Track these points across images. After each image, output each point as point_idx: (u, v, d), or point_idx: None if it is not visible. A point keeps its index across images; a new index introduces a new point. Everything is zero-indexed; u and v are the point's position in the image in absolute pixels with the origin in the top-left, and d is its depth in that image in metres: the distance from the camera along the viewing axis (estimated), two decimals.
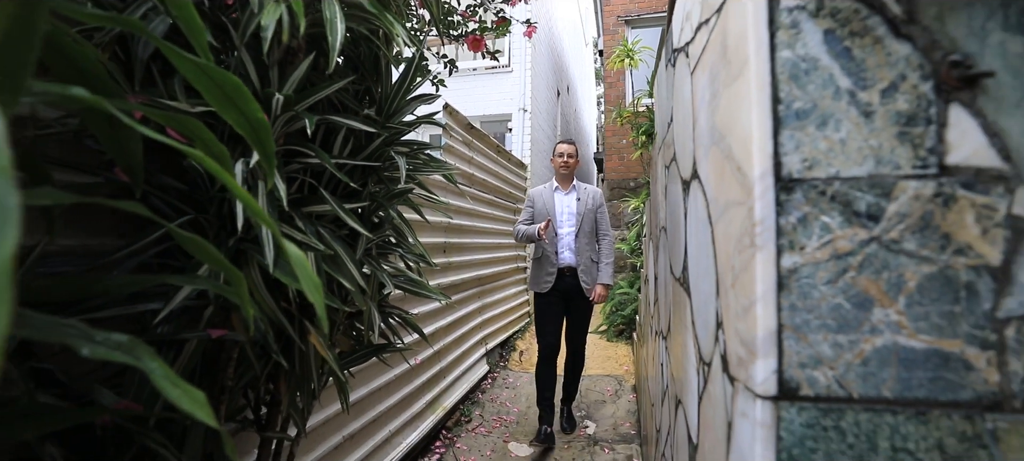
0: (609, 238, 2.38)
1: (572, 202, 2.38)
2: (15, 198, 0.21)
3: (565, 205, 2.38)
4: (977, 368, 0.51)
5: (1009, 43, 0.51)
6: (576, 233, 2.32)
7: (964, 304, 0.51)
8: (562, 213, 2.37)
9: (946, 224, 0.52)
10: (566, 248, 2.33)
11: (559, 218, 2.36)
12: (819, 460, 0.53)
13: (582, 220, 2.32)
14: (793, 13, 0.55)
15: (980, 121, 0.51)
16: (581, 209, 2.34)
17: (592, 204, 2.36)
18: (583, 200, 2.36)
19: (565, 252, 2.33)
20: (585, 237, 2.33)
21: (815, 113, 0.55)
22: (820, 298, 0.54)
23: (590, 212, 2.35)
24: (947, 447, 0.51)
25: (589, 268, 2.33)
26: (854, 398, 0.53)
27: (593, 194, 2.39)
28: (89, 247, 0.81)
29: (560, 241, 2.34)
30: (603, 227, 2.37)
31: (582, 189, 2.40)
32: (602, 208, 2.39)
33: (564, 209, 2.37)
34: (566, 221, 2.36)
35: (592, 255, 2.35)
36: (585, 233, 2.33)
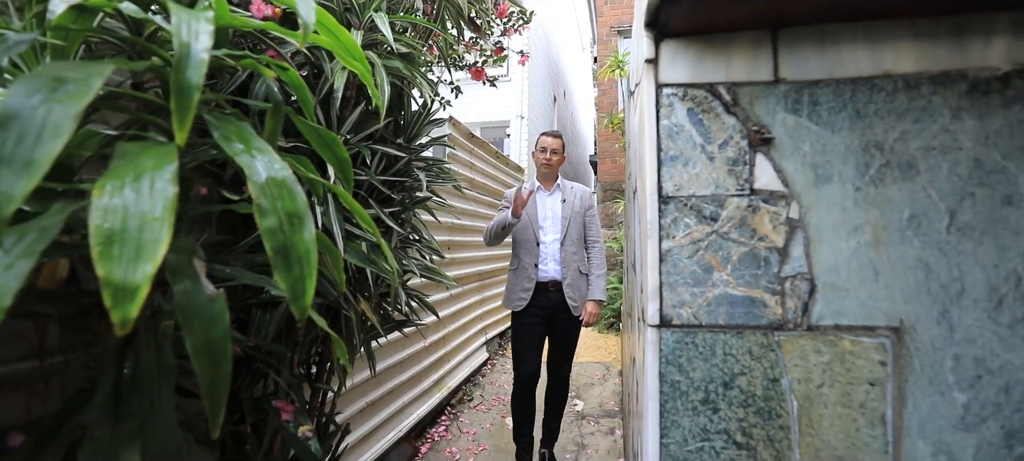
0: (599, 245, 2.02)
1: (556, 204, 2.01)
2: (310, 233, 0.60)
3: (548, 208, 2.01)
4: (770, 306, 0.91)
5: (787, 120, 0.90)
6: (561, 240, 1.96)
7: (763, 269, 0.91)
8: (545, 217, 2.00)
9: (753, 223, 0.91)
10: (550, 258, 1.96)
11: (541, 223, 2.00)
12: (683, 362, 0.93)
13: (569, 225, 1.96)
14: (669, 97, 0.95)
15: (772, 164, 0.91)
16: (567, 212, 1.98)
17: (580, 206, 2.00)
18: (570, 202, 1.99)
19: (548, 263, 1.96)
20: (572, 245, 1.96)
21: (681, 158, 0.94)
22: (683, 266, 0.93)
23: (578, 215, 1.99)
24: (754, 352, 0.91)
25: (577, 282, 1.95)
26: (702, 325, 0.92)
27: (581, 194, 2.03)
28: (209, 241, 1.20)
29: (542, 250, 1.96)
30: (593, 233, 2.02)
31: (568, 188, 2.03)
32: (592, 210, 2.04)
33: (547, 212, 2.00)
34: (550, 226, 1.99)
35: (580, 266, 1.98)
36: (572, 240, 1.96)
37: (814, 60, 0.91)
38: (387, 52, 1.28)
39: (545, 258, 1.98)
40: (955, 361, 0.87)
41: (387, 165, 1.48)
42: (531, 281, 1.97)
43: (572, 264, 1.97)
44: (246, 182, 0.54)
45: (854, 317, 0.89)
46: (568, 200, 2.02)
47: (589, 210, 2.04)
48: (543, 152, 2.03)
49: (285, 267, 0.55)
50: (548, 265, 1.98)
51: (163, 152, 0.50)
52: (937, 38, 0.88)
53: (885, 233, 0.89)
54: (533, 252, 1.98)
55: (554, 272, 1.97)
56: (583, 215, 2.03)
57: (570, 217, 1.99)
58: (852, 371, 0.89)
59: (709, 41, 0.93)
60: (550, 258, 1.98)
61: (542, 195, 2.06)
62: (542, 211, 2.03)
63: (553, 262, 1.98)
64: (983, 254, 0.86)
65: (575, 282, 1.97)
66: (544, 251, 1.98)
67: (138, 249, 0.43)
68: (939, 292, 0.87)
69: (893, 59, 0.89)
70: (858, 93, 0.90)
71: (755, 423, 0.91)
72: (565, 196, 2.04)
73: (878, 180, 0.89)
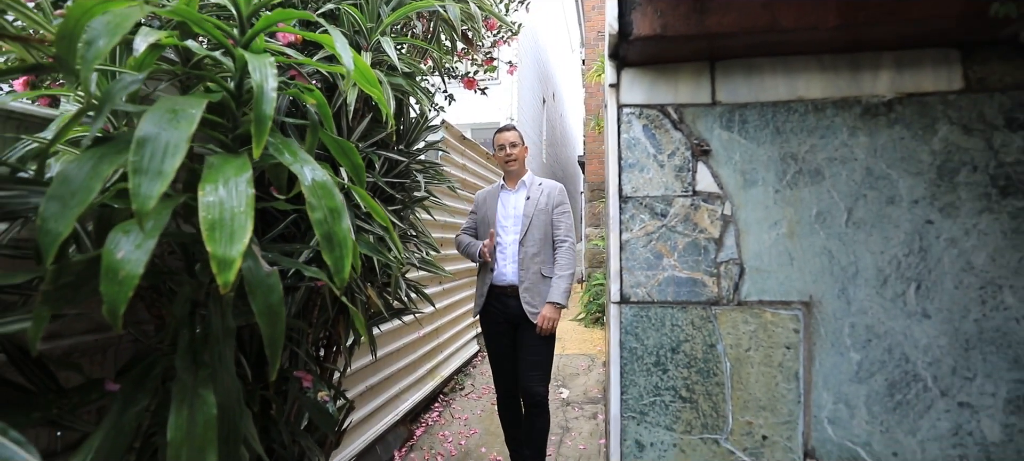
0: (567, 244, 1.84)
1: (519, 201, 1.88)
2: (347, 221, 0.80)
3: (511, 206, 1.90)
4: (708, 286, 1.13)
5: (722, 135, 1.13)
6: (520, 240, 1.81)
7: (702, 256, 1.13)
8: (506, 216, 1.88)
9: (695, 218, 1.14)
10: (508, 260, 1.83)
11: (501, 222, 1.88)
12: (639, 331, 1.14)
13: (529, 223, 1.82)
14: (628, 115, 1.16)
15: (710, 170, 1.13)
16: (530, 209, 1.84)
17: (546, 203, 1.85)
18: (534, 199, 1.85)
19: (505, 265, 1.83)
20: (533, 245, 1.81)
21: (637, 165, 1.16)
22: (639, 254, 1.15)
23: (542, 212, 1.83)
24: (695, 323, 1.13)
25: (537, 286, 1.78)
26: (654, 301, 1.14)
27: (549, 191, 1.87)
28: None
29: (500, 252, 1.85)
30: (561, 231, 1.84)
31: (534, 185, 1.89)
32: (562, 207, 1.88)
33: (508, 211, 1.89)
34: (510, 225, 1.86)
35: (543, 269, 1.81)
36: (533, 240, 1.81)
37: (743, 87, 1.13)
38: (391, 70, 1.48)
39: (503, 260, 1.84)
40: (851, 328, 1.10)
41: (389, 168, 1.68)
42: (485, 284, 1.87)
43: (532, 266, 1.79)
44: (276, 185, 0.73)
45: (774, 294, 1.12)
46: (533, 197, 1.87)
47: (558, 207, 1.87)
48: (501, 150, 1.92)
49: (329, 249, 0.76)
50: (507, 268, 1.83)
51: (240, 163, 0.71)
52: (838, 71, 1.11)
53: (798, 226, 1.12)
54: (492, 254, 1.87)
55: (511, 275, 1.81)
56: (550, 212, 1.85)
57: (533, 215, 1.83)
58: (772, 337, 1.12)
59: (660, 70, 1.15)
60: (510, 260, 1.83)
61: (505, 193, 1.93)
62: (503, 209, 1.90)
63: (511, 264, 1.82)
64: (872, 243, 1.10)
65: (535, 286, 1.78)
66: (503, 252, 1.85)
67: (232, 234, 0.64)
68: (839, 273, 1.10)
69: (805, 87, 1.12)
70: (778, 114, 1.13)
71: (697, 381, 1.13)
72: (530, 193, 1.88)
73: (793, 184, 1.12)
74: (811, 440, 1.11)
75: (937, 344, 1.08)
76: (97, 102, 0.88)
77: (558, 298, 1.76)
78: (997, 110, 1.08)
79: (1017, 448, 1.06)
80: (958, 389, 1.08)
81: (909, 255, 1.09)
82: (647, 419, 1.15)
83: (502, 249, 1.87)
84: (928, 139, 1.09)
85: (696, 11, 1.00)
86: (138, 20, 0.66)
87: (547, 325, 1.75)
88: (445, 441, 2.66)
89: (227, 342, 0.86)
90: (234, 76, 0.87)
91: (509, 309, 1.82)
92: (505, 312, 1.84)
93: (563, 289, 1.78)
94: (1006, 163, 1.07)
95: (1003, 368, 1.06)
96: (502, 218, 1.91)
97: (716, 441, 1.13)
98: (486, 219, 1.95)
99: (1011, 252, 1.07)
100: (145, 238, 0.64)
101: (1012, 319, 1.07)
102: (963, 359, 1.08)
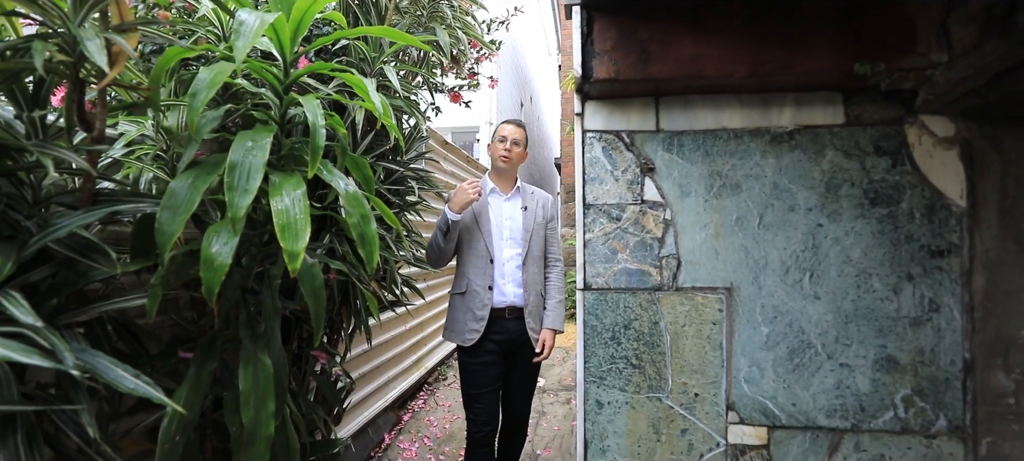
0: (561, 265, 1.71)
1: (515, 211, 1.66)
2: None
3: (506, 215, 1.65)
4: (653, 275, 1.44)
5: (664, 156, 1.44)
6: (523, 258, 1.62)
7: (648, 252, 1.44)
8: (501, 227, 1.64)
9: (643, 222, 1.44)
10: (509, 280, 1.61)
11: (497, 234, 1.63)
12: (598, 312, 1.44)
13: (531, 238, 1.63)
14: (590, 138, 1.46)
15: (654, 184, 1.44)
16: (529, 222, 1.64)
17: (543, 215, 1.68)
18: (532, 209, 1.66)
19: (506, 285, 1.60)
20: (535, 263, 1.63)
21: (598, 179, 1.46)
22: (599, 250, 1.45)
23: (540, 226, 1.66)
24: (643, 305, 1.44)
25: (539, 308, 1.64)
26: (610, 288, 1.44)
27: (543, 201, 1.70)
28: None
29: (498, 269, 1.61)
30: (554, 250, 1.70)
31: (529, 193, 1.70)
32: (554, 222, 1.74)
33: (503, 221, 1.65)
34: (508, 239, 1.63)
35: (541, 288, 1.66)
36: (534, 258, 1.63)
37: (681, 118, 1.45)
38: (393, 94, 1.73)
39: (502, 279, 1.61)
40: (762, 308, 1.43)
41: (387, 176, 1.93)
42: (484, 308, 1.59)
43: (533, 287, 1.62)
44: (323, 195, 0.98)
45: (704, 282, 1.44)
46: (530, 207, 1.66)
47: (551, 222, 1.71)
48: (502, 142, 1.66)
49: (362, 245, 1.02)
50: (506, 288, 1.60)
51: (297, 180, 0.96)
52: (753, 107, 1.44)
53: (722, 228, 1.44)
54: (486, 271, 1.60)
55: (514, 297, 1.60)
56: (545, 226, 1.69)
57: (533, 228, 1.64)
58: (702, 315, 1.43)
59: (616, 103, 1.45)
60: (509, 279, 1.61)
61: (498, 199, 1.68)
62: (497, 219, 1.65)
63: (513, 284, 1.61)
64: (777, 242, 1.43)
65: (537, 308, 1.63)
66: (500, 270, 1.61)
67: (297, 233, 0.89)
68: (753, 265, 1.43)
69: (727, 119, 1.45)
70: (707, 140, 1.45)
71: (644, 351, 1.44)
72: (526, 202, 1.67)
73: (718, 195, 1.44)
74: (731, 396, 1.44)
75: (825, 319, 1.43)
76: (167, 130, 1.11)
77: (558, 324, 1.65)
78: (868, 140, 1.43)
79: (880, 397, 1.41)
80: (840, 353, 1.42)
81: (805, 251, 1.43)
82: (605, 382, 1.45)
83: (500, 266, 1.61)
84: (819, 161, 1.43)
85: (641, 61, 1.31)
86: (229, 74, 0.91)
87: (549, 353, 1.65)
88: (431, 425, 2.92)
89: (276, 318, 1.11)
90: (280, 109, 1.12)
91: (507, 335, 1.60)
92: (502, 337, 1.60)
93: (561, 316, 1.67)
94: (875, 180, 1.42)
95: (871, 337, 1.41)
96: (496, 229, 1.63)
97: (659, 399, 1.45)
98: (471, 226, 1.65)
99: (878, 248, 1.42)
100: (231, 237, 0.89)
101: (879, 299, 1.42)
102: (843, 330, 1.42)
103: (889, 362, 1.41)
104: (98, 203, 0.88)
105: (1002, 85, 1.19)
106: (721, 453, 1.44)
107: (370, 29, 1.21)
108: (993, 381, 1.40)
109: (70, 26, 0.78)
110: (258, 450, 0.97)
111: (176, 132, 1.14)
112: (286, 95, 1.09)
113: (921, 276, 1.41)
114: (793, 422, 1.43)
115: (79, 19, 0.80)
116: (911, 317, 1.41)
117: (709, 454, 1.44)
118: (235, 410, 1.05)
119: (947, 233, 1.40)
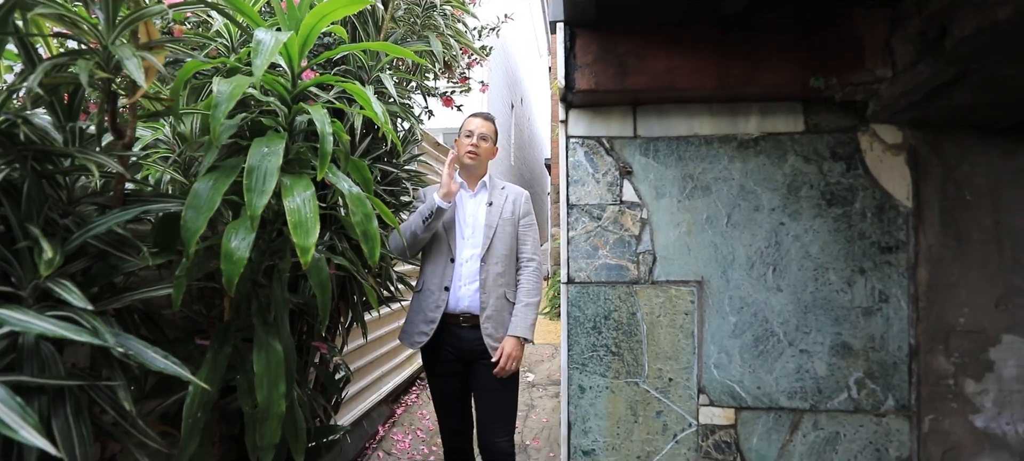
0: (534, 265, 1.56)
1: (479, 208, 1.57)
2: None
3: (469, 212, 1.58)
4: (631, 270, 1.57)
5: (641, 160, 1.57)
6: (482, 256, 1.51)
7: (627, 248, 1.57)
8: (463, 225, 1.57)
9: (622, 220, 1.57)
10: (465, 280, 1.51)
11: (460, 233, 1.56)
12: (581, 304, 1.57)
13: (494, 235, 1.52)
14: (573, 144, 1.59)
15: (632, 186, 1.57)
16: (493, 219, 1.54)
17: (512, 212, 1.56)
18: (498, 206, 1.56)
19: (461, 287, 1.50)
20: (497, 263, 1.51)
21: (580, 181, 1.58)
22: (581, 247, 1.58)
23: (508, 223, 1.55)
24: (621, 297, 1.57)
25: (501, 313, 1.50)
26: (592, 281, 1.57)
27: (514, 198, 1.58)
28: None
29: (455, 270, 1.52)
30: (527, 248, 1.56)
31: (497, 190, 1.59)
32: (528, 219, 1.59)
33: (466, 218, 1.57)
34: (470, 237, 1.55)
35: (508, 292, 1.52)
36: (497, 257, 1.51)
37: (656, 125, 1.58)
38: (389, 100, 1.84)
39: (460, 281, 1.50)
40: (730, 299, 1.57)
41: (383, 177, 2.03)
42: (437, 310, 1.50)
43: (495, 289, 1.50)
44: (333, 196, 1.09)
45: (677, 275, 1.57)
46: (496, 204, 1.56)
47: (524, 218, 1.58)
48: (468, 137, 1.57)
49: (366, 241, 1.13)
50: (461, 290, 1.50)
51: (306, 182, 1.07)
52: (721, 115, 1.58)
53: (693, 227, 1.58)
54: (445, 271, 1.52)
55: (469, 301, 1.49)
56: (516, 224, 1.57)
57: (497, 225, 1.54)
58: (676, 306, 1.57)
59: (597, 111, 1.58)
60: (465, 280, 1.50)
61: (463, 195, 1.60)
62: (460, 216, 1.58)
63: (468, 286, 1.50)
64: (744, 239, 1.57)
65: (499, 314, 1.49)
66: (458, 271, 1.52)
67: (308, 230, 1.00)
68: (721, 260, 1.57)
69: (699, 126, 1.58)
70: (680, 145, 1.59)
71: (622, 339, 1.57)
72: (492, 198, 1.57)
73: (690, 196, 1.58)
74: (702, 380, 1.58)
75: (786, 310, 1.57)
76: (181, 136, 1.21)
77: (522, 331, 1.46)
78: (826, 146, 1.58)
79: (836, 380, 1.56)
80: (800, 340, 1.57)
81: (768, 247, 1.58)
82: (587, 368, 1.58)
83: (459, 266, 1.52)
84: (781, 165, 1.58)
85: (620, 74, 1.44)
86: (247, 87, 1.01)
87: (509, 364, 1.44)
88: (423, 418, 3.02)
89: (284, 308, 1.22)
90: (288, 117, 1.22)
91: (463, 343, 1.48)
92: (457, 347, 1.49)
93: (529, 321, 1.49)
94: (831, 183, 1.57)
95: (828, 325, 1.56)
96: (459, 227, 1.57)
97: (636, 383, 1.58)
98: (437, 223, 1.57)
99: (834, 245, 1.57)
100: (248, 233, 1.00)
101: (834, 291, 1.57)
102: (803, 320, 1.57)
103: (843, 348, 1.56)
104: (128, 203, 0.98)
105: (937, 99, 1.34)
106: (693, 433, 1.58)
107: (373, 44, 1.32)
108: (935, 364, 1.56)
109: (108, 45, 0.88)
110: (271, 426, 1.08)
111: (189, 137, 1.24)
112: (294, 104, 1.19)
113: (872, 270, 1.56)
114: (758, 403, 1.57)
115: (112, 37, 0.90)
116: (863, 307, 1.56)
117: (682, 434, 1.58)
118: (247, 393, 1.15)
119: (895, 231, 1.56)
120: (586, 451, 1.58)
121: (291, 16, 1.12)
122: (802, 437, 1.56)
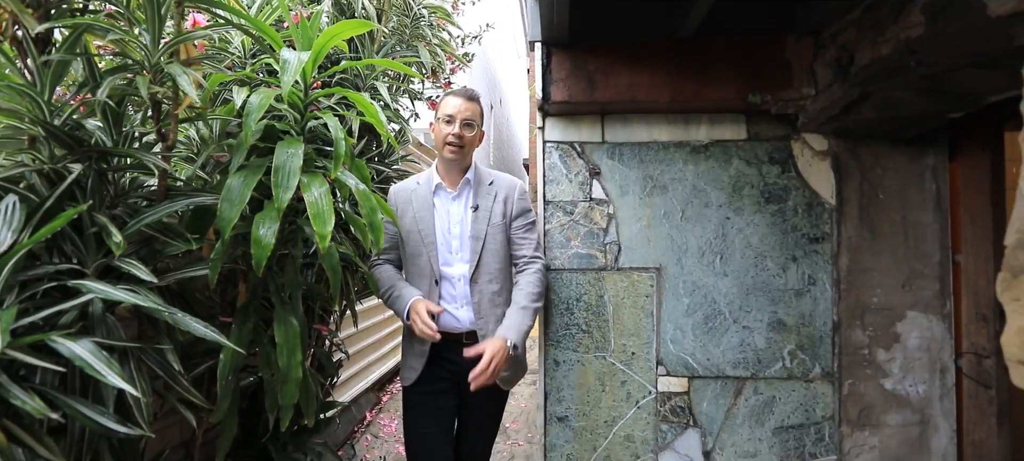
0: (537, 264, 1.43)
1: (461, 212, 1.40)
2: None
3: (452, 219, 1.40)
4: (599, 258, 1.81)
5: (608, 162, 1.82)
6: (471, 272, 1.36)
7: (595, 239, 1.81)
8: (447, 233, 1.39)
9: (591, 215, 1.81)
10: (458, 303, 1.37)
11: (444, 245, 1.39)
12: (556, 288, 1.80)
13: (482, 248, 1.36)
14: (549, 148, 1.82)
15: (601, 185, 1.82)
16: (481, 227, 1.37)
17: (503, 213, 1.39)
18: (485, 209, 1.38)
19: (456, 307, 1.37)
20: (492, 280, 1.37)
21: (555, 180, 1.82)
22: (557, 238, 1.81)
23: (498, 229, 1.38)
24: (591, 282, 1.81)
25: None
26: (565, 268, 1.81)
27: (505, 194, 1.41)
28: None
29: (444, 286, 1.38)
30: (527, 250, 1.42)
31: (483, 186, 1.41)
32: (526, 216, 1.44)
33: (450, 226, 1.39)
34: (457, 250, 1.38)
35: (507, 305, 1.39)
36: (490, 273, 1.37)
37: (621, 131, 1.83)
38: (383, 106, 2.02)
39: (453, 300, 1.37)
40: (683, 283, 1.83)
41: (375, 175, 2.21)
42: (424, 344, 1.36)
43: (492, 311, 1.35)
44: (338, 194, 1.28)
45: (639, 263, 1.82)
46: (483, 207, 1.37)
47: (517, 220, 1.42)
48: (449, 123, 1.37)
49: (371, 232, 1.33)
50: (458, 311, 1.37)
51: (321, 179, 1.26)
52: (677, 124, 1.84)
53: (653, 221, 1.83)
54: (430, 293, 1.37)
55: (467, 319, 1.36)
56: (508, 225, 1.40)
57: (486, 235, 1.36)
58: (638, 289, 1.82)
59: (570, 119, 1.81)
60: (457, 303, 1.37)
61: (444, 198, 1.41)
62: (443, 225, 1.39)
63: (466, 306, 1.36)
64: (696, 231, 1.83)
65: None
66: (445, 292, 1.37)
67: (324, 220, 1.19)
68: (677, 250, 1.83)
69: (658, 133, 1.84)
70: (642, 150, 1.84)
71: (592, 319, 1.81)
72: (478, 200, 1.38)
73: (650, 194, 1.83)
74: (660, 354, 1.83)
75: (731, 292, 1.84)
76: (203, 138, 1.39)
77: (513, 335, 1.28)
78: (765, 152, 1.86)
79: (772, 352, 1.84)
80: (743, 318, 1.84)
81: (716, 238, 1.84)
82: (561, 345, 1.81)
83: (449, 284, 1.36)
84: (727, 168, 1.85)
85: (589, 88, 1.67)
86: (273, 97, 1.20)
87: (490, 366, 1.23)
88: None
89: (297, 288, 1.40)
90: (302, 123, 1.41)
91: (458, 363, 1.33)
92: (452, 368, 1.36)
93: (523, 327, 1.30)
94: (769, 183, 1.85)
95: (766, 305, 1.84)
96: (441, 236, 1.37)
97: (604, 357, 1.82)
98: (414, 235, 1.40)
99: (771, 236, 1.85)
100: (274, 222, 1.19)
101: (771, 276, 1.85)
102: (745, 300, 1.84)
103: (779, 324, 1.84)
104: (170, 196, 1.15)
105: (850, 114, 1.63)
106: (652, 399, 1.83)
107: (377, 61, 1.51)
108: (853, 337, 1.86)
109: (158, 62, 1.05)
110: (290, 389, 1.26)
111: (209, 140, 1.42)
112: (307, 111, 1.38)
113: (802, 257, 1.85)
114: (707, 373, 1.84)
115: (158, 56, 1.08)
116: (795, 289, 1.84)
117: (643, 400, 1.83)
118: (266, 362, 1.33)
119: (821, 224, 1.85)
120: (560, 417, 1.82)
121: (304, 34, 1.30)
122: (744, 401, 1.84)
